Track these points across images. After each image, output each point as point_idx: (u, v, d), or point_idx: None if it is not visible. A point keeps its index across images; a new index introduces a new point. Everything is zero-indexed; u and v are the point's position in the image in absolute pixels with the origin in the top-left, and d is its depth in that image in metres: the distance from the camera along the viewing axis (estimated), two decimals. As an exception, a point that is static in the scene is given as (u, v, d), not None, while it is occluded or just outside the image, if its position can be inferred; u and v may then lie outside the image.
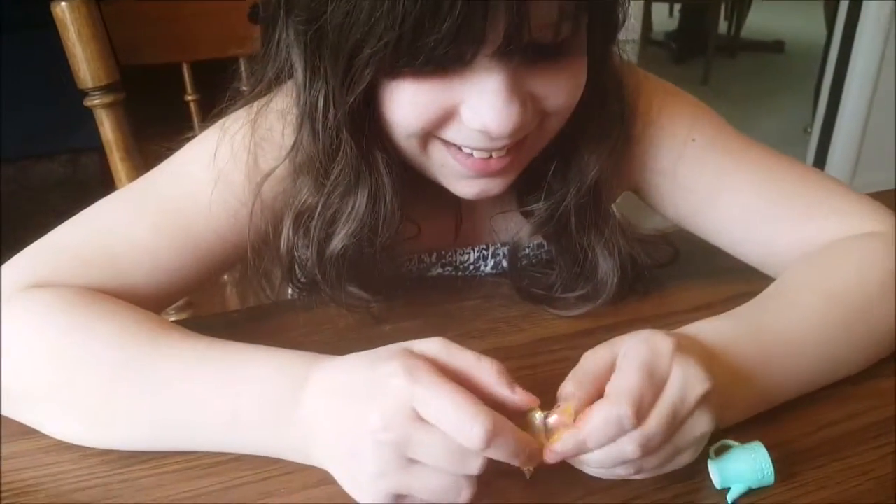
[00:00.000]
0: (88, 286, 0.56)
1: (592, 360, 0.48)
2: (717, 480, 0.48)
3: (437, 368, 0.43)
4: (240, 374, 0.50)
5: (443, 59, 0.48)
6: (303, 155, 0.58)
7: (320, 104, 0.54)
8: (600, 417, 0.43)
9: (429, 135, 0.54)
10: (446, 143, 0.55)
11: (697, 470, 0.49)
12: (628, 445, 0.43)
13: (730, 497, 0.47)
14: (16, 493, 0.48)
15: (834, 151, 2.79)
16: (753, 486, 0.48)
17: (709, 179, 0.66)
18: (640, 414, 0.43)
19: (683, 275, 0.73)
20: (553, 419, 0.44)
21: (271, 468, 0.49)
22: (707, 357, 0.49)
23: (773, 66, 4.56)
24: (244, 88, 0.65)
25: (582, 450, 0.43)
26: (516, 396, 0.43)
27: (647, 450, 0.43)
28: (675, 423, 0.44)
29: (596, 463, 0.45)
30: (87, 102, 0.91)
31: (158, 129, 0.72)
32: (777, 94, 3.94)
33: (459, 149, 0.55)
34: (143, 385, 0.50)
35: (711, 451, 0.49)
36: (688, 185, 0.67)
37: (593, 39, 0.55)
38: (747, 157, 0.67)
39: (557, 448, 0.43)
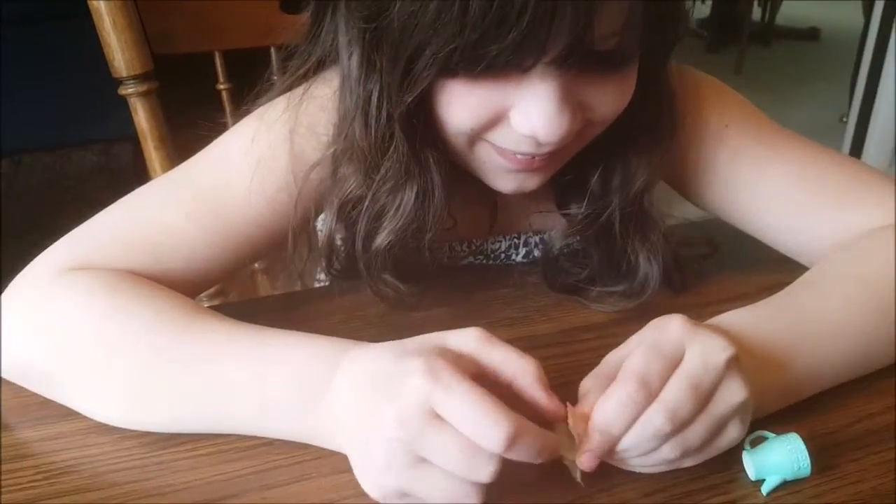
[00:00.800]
0: (127, 268, 0.57)
1: (613, 357, 0.48)
2: (751, 472, 0.48)
3: (461, 368, 0.42)
4: (273, 357, 0.50)
5: (503, 66, 0.47)
6: (348, 145, 0.57)
7: (374, 99, 0.54)
8: (611, 401, 0.43)
9: (478, 137, 0.54)
10: (493, 145, 0.55)
11: (732, 461, 0.48)
12: (655, 416, 0.42)
13: (765, 489, 0.47)
14: (56, 474, 0.49)
15: (870, 141, 2.73)
16: (789, 478, 0.47)
17: (743, 167, 0.65)
18: (649, 387, 0.43)
19: (719, 265, 0.72)
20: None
21: (303, 452, 0.50)
22: (737, 344, 0.48)
23: (808, 54, 4.48)
24: (275, 78, 0.66)
25: (610, 439, 0.43)
26: (551, 404, 0.43)
27: (678, 421, 0.43)
28: (701, 391, 0.43)
29: (634, 447, 0.44)
30: (122, 91, 0.91)
31: (191, 118, 0.73)
32: (812, 82, 3.87)
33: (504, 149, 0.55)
34: (178, 366, 0.51)
35: (746, 442, 0.48)
36: (721, 173, 0.66)
37: (650, 51, 0.54)
38: (782, 145, 0.66)
39: (585, 447, 0.43)
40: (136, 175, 0.64)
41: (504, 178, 0.58)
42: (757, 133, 0.67)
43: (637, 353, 0.45)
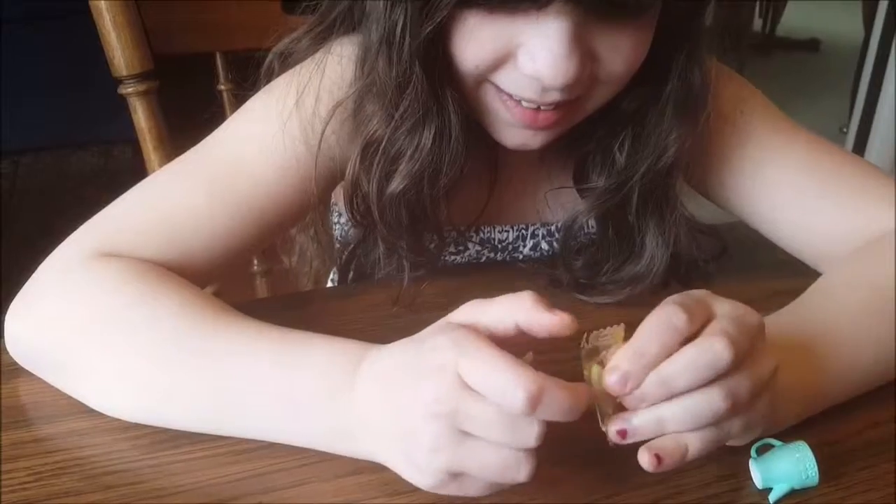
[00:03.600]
0: (150, 256, 0.57)
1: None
2: (758, 480, 0.47)
3: (482, 334, 0.41)
4: (296, 355, 0.49)
5: None
6: (371, 82, 0.57)
7: (398, 30, 0.53)
8: (650, 323, 0.41)
9: (483, 78, 0.54)
10: (498, 89, 0.55)
11: (738, 469, 0.47)
12: (718, 344, 0.39)
13: (772, 497, 0.46)
14: (48, 476, 0.48)
15: (871, 152, 2.73)
16: (797, 487, 0.46)
17: (753, 154, 0.65)
18: (693, 318, 0.40)
19: (725, 269, 0.71)
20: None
21: (302, 456, 0.49)
22: None
23: (808, 65, 4.48)
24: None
25: (644, 361, 0.40)
26: (556, 317, 0.40)
27: (738, 359, 0.40)
28: (741, 350, 0.40)
29: (686, 375, 0.40)
30: (122, 90, 0.91)
31: (191, 119, 0.73)
32: (812, 93, 3.87)
33: (510, 96, 0.54)
34: (200, 357, 0.50)
35: (753, 450, 0.48)
36: (730, 159, 0.66)
37: (682, 10, 0.54)
38: (794, 137, 0.66)
39: (616, 364, 0.40)
40: (136, 177, 0.63)
41: (508, 132, 0.58)
42: (770, 123, 0.66)
43: (668, 300, 0.42)
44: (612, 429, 0.42)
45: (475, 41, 0.52)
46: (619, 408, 0.42)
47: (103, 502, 0.46)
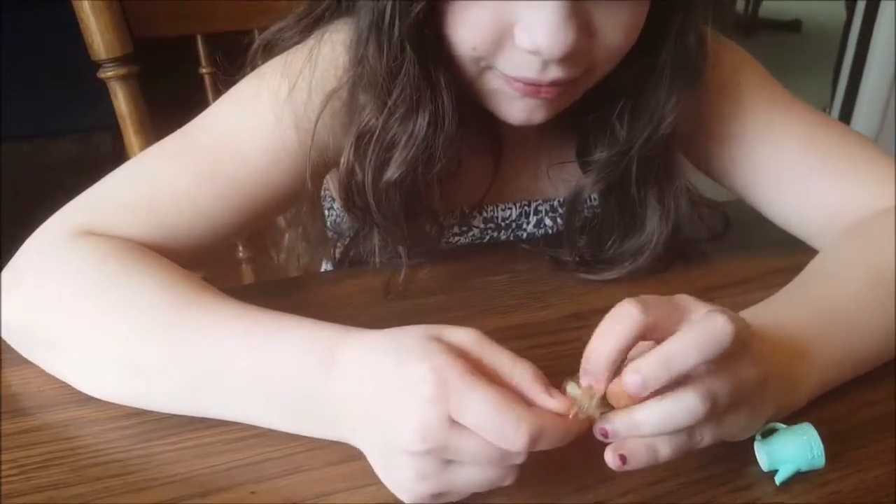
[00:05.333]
0: (132, 234, 0.56)
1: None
2: (764, 462, 0.46)
3: (468, 363, 0.40)
4: (273, 334, 0.48)
5: None
6: (363, 70, 0.57)
7: (387, 15, 0.53)
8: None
9: (486, 64, 0.54)
10: (499, 71, 0.54)
11: (742, 450, 0.47)
12: (692, 400, 0.39)
13: (778, 478, 0.45)
14: (33, 468, 0.47)
15: (853, 133, 2.75)
16: (803, 469, 0.46)
17: (751, 129, 0.64)
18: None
19: (721, 249, 0.71)
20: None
21: (294, 444, 0.48)
22: (769, 343, 0.47)
23: (790, 46, 4.49)
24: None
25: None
26: (553, 401, 0.41)
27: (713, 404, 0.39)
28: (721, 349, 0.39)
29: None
30: (101, 74, 0.89)
31: (173, 105, 0.71)
32: (795, 74, 3.85)
33: (514, 79, 0.54)
34: (179, 333, 0.50)
35: (758, 432, 0.47)
36: (728, 129, 0.65)
37: None
38: (793, 109, 0.65)
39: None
40: (116, 165, 0.62)
41: (513, 107, 0.57)
42: (768, 95, 0.66)
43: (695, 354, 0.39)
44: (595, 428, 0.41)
45: (469, 23, 0.51)
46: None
47: (89, 494, 0.45)
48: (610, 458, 0.40)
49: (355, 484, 0.45)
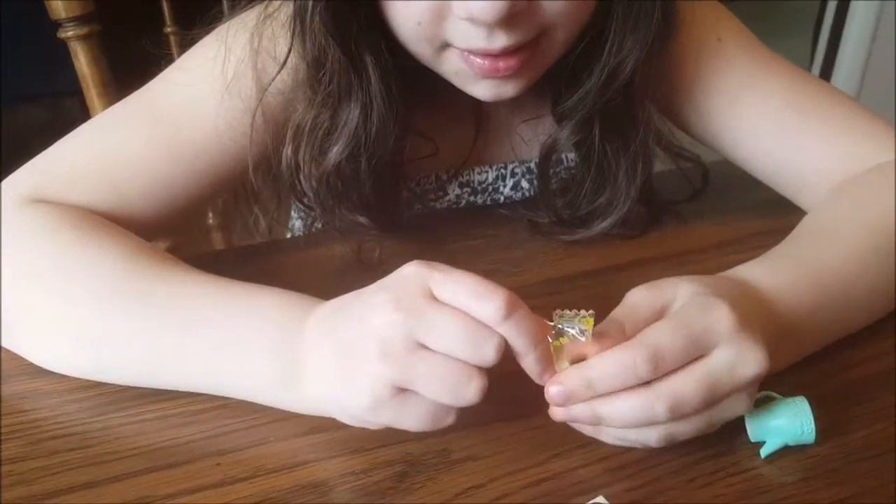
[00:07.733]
0: (85, 202, 0.55)
1: (640, 299, 0.44)
2: (752, 433, 0.45)
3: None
4: (242, 302, 0.47)
5: None
6: (295, 62, 0.55)
7: (309, 3, 0.51)
8: (612, 361, 0.40)
9: (439, 41, 0.52)
10: (455, 48, 0.52)
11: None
12: (658, 404, 0.39)
13: (763, 451, 0.44)
14: (-11, 442, 0.45)
15: (833, 96, 2.75)
16: (791, 444, 0.44)
17: (734, 82, 0.63)
18: (659, 367, 0.39)
19: (698, 212, 0.70)
20: (569, 337, 0.40)
21: (258, 415, 0.47)
22: (765, 306, 0.46)
23: (770, 10, 4.48)
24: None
25: (588, 390, 0.40)
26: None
27: (677, 413, 0.40)
28: (714, 394, 0.40)
29: (620, 420, 0.41)
30: (62, 34, 0.86)
31: (139, 67, 0.69)
32: (774, 37, 3.85)
33: (470, 52, 0.51)
34: (138, 302, 0.48)
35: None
36: (710, 89, 0.63)
37: None
38: (776, 65, 0.64)
39: (562, 380, 0.40)
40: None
41: (479, 85, 0.55)
42: (750, 50, 0.64)
43: (666, 326, 0.41)
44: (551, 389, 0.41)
45: (407, 3, 0.49)
46: None
47: (48, 468, 0.43)
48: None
49: (321, 455, 0.44)
